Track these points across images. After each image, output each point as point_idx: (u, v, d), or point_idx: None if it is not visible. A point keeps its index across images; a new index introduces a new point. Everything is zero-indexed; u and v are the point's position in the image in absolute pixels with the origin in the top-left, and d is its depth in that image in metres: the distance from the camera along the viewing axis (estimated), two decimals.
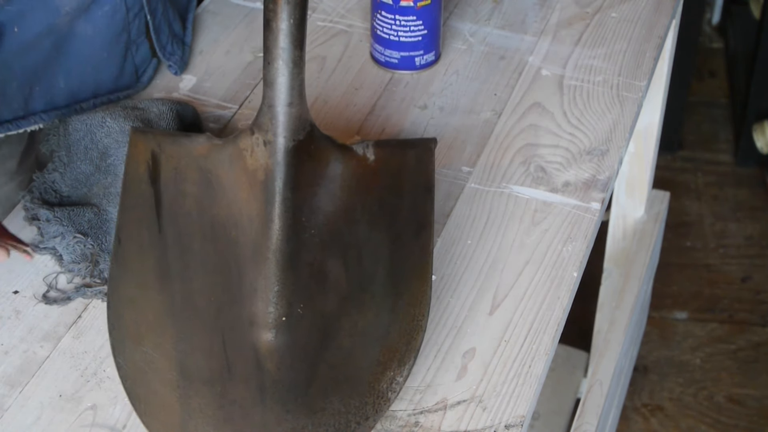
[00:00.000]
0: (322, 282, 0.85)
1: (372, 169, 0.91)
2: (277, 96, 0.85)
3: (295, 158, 0.86)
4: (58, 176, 0.97)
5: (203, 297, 0.84)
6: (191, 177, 0.89)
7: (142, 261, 0.85)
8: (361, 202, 0.89)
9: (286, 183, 0.85)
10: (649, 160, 1.41)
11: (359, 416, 0.79)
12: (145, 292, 0.84)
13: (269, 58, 0.84)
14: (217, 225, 0.87)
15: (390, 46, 1.10)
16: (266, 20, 0.83)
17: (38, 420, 0.81)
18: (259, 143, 0.86)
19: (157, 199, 0.88)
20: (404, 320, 0.83)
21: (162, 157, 0.90)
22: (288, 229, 0.85)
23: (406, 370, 0.81)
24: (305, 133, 0.87)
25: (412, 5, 1.07)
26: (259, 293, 0.83)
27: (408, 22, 1.08)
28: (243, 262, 0.85)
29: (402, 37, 1.09)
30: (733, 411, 1.84)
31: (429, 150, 0.92)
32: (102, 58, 1.04)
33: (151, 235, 0.87)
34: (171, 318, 0.83)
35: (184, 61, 1.12)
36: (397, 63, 1.11)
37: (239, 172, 0.88)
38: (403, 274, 0.85)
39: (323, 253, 0.86)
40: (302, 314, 0.83)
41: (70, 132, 0.99)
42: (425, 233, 0.87)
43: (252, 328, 0.83)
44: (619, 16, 1.19)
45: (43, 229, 0.93)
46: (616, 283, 1.54)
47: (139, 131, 0.92)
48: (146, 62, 1.09)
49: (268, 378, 0.81)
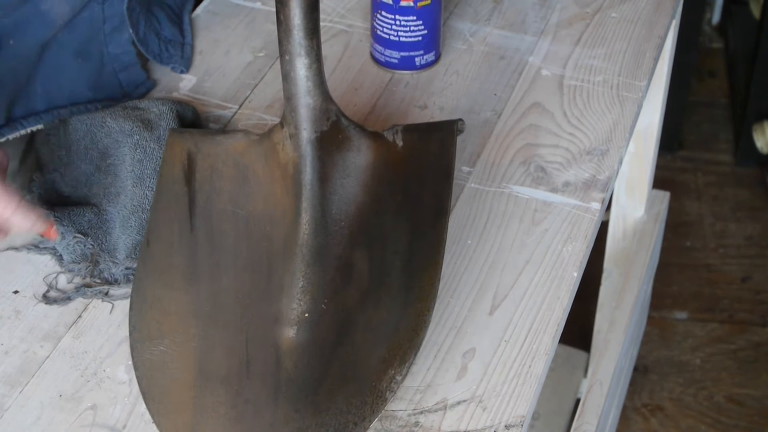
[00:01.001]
0: (347, 276, 0.84)
1: (400, 155, 0.89)
2: (294, 88, 0.84)
3: (320, 150, 0.85)
4: (58, 176, 0.97)
5: (231, 296, 0.84)
6: (228, 174, 0.89)
7: (170, 261, 0.85)
8: (389, 191, 0.88)
9: (312, 176, 0.85)
10: (649, 160, 1.41)
11: (357, 416, 0.79)
12: (171, 292, 0.84)
13: (282, 50, 0.83)
14: (252, 221, 0.87)
15: (390, 46, 1.10)
16: (277, 11, 0.82)
17: (38, 420, 0.81)
18: (287, 137, 0.86)
19: (191, 199, 0.88)
20: (411, 315, 0.82)
21: (198, 157, 0.90)
22: (315, 222, 0.84)
23: (405, 368, 0.80)
24: (329, 123, 0.86)
25: (413, 5, 1.07)
26: (285, 289, 0.83)
27: (408, 22, 1.08)
28: (274, 257, 0.84)
29: (402, 37, 1.09)
30: (733, 411, 1.84)
31: (451, 133, 0.90)
32: (74, 66, 1.03)
33: (181, 235, 0.86)
34: (195, 317, 0.83)
35: (185, 59, 1.11)
36: (397, 63, 1.11)
37: (274, 166, 0.87)
38: (416, 267, 0.84)
39: (351, 245, 0.85)
40: (325, 310, 0.82)
41: (69, 132, 0.99)
42: (441, 222, 0.85)
43: (275, 325, 0.82)
44: (619, 16, 1.19)
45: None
46: (616, 283, 1.54)
47: (176, 132, 0.91)
48: (138, 80, 1.07)
49: (285, 376, 0.80)
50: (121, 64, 1.06)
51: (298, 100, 0.84)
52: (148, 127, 0.98)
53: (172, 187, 0.88)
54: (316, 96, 0.85)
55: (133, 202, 0.93)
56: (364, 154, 0.88)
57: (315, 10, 0.82)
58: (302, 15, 0.82)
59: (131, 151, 0.96)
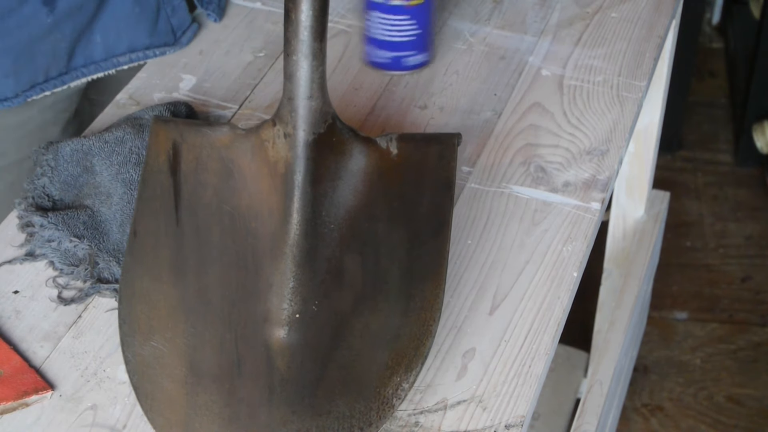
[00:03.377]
0: (338, 279, 0.84)
1: (395, 163, 0.89)
2: (297, 89, 0.84)
3: (315, 152, 0.85)
4: (47, 180, 0.97)
5: (218, 291, 0.84)
6: (213, 167, 0.88)
7: (157, 253, 0.85)
8: (382, 198, 0.88)
9: (305, 177, 0.85)
10: (649, 160, 1.41)
11: (363, 422, 0.78)
12: (159, 285, 0.83)
13: (289, 50, 0.83)
14: (237, 216, 0.86)
15: (382, 47, 1.10)
16: (286, 11, 0.83)
17: (38, 420, 0.81)
18: (280, 135, 0.86)
19: (176, 191, 0.87)
20: (415, 324, 0.82)
21: (183, 147, 0.89)
22: (306, 223, 0.84)
23: (412, 376, 0.80)
24: (326, 126, 0.86)
25: (404, 4, 1.07)
26: (274, 288, 0.83)
27: (400, 21, 1.08)
28: (261, 255, 0.84)
29: (394, 37, 1.09)
30: (733, 411, 1.84)
31: (452, 146, 0.90)
32: (135, 13, 1.07)
33: (168, 227, 0.86)
34: (184, 312, 0.82)
35: (221, 8, 1.16)
36: (389, 63, 1.11)
37: (261, 163, 0.87)
38: (417, 276, 0.84)
39: (341, 249, 0.85)
40: (317, 312, 0.82)
41: (58, 141, 1.00)
42: (443, 234, 0.86)
43: (265, 324, 0.82)
44: (619, 16, 1.19)
45: (37, 234, 0.93)
46: (616, 283, 1.54)
47: (161, 120, 0.91)
48: (185, 23, 1.13)
49: (278, 377, 0.80)
50: (173, 7, 1.11)
51: (301, 101, 0.84)
52: (140, 133, 0.98)
53: (158, 177, 0.88)
54: (318, 98, 0.85)
55: (131, 206, 0.93)
56: (357, 159, 0.88)
57: (325, 13, 0.83)
58: (313, 17, 0.82)
59: (126, 158, 0.96)
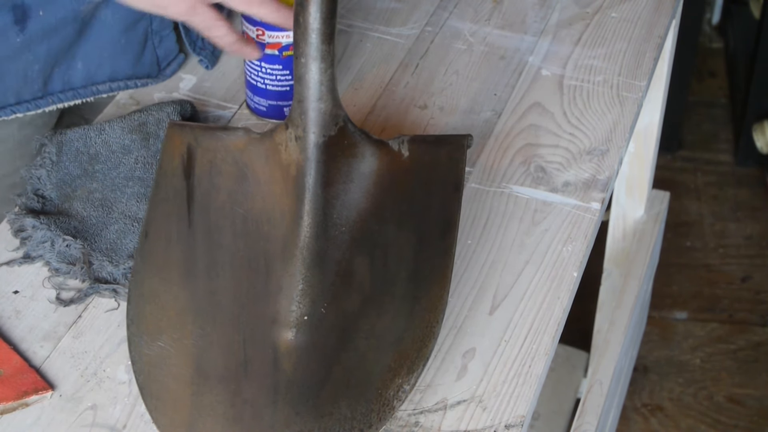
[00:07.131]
0: (347, 281, 0.84)
1: (405, 165, 0.89)
2: (306, 91, 0.84)
3: (325, 154, 0.85)
4: (44, 173, 0.97)
5: (228, 293, 0.84)
6: (227, 171, 0.89)
7: (168, 255, 0.85)
8: (392, 200, 0.88)
9: (316, 179, 0.85)
10: (649, 160, 1.41)
11: (363, 423, 0.78)
12: (169, 286, 0.84)
13: (298, 53, 0.84)
14: (249, 220, 0.87)
15: (257, 93, 1.04)
16: (295, 15, 0.83)
17: (38, 420, 0.81)
18: (291, 138, 0.86)
19: (190, 193, 0.88)
20: (419, 326, 0.82)
21: (198, 151, 0.90)
22: (317, 226, 0.84)
23: (413, 378, 0.80)
24: (337, 129, 0.86)
25: (277, 53, 1.01)
26: (283, 291, 0.83)
27: (273, 70, 1.02)
28: (272, 258, 0.85)
29: (267, 86, 1.03)
30: (733, 411, 1.85)
31: (461, 147, 0.90)
32: (120, 43, 1.05)
33: (180, 229, 0.86)
34: (193, 314, 0.82)
35: (215, 56, 1.12)
36: (264, 111, 1.05)
37: (274, 166, 0.87)
38: (424, 278, 0.84)
39: (351, 251, 0.85)
40: (325, 314, 0.82)
41: (65, 132, 0.99)
42: (450, 235, 0.85)
43: (273, 326, 0.82)
44: (619, 16, 1.19)
45: (31, 236, 0.92)
46: (616, 283, 1.54)
47: (177, 125, 0.91)
48: (171, 55, 1.09)
49: (283, 378, 0.80)
50: (160, 38, 1.08)
51: (310, 103, 0.85)
52: (146, 141, 0.98)
53: (171, 180, 0.88)
54: (328, 101, 0.85)
55: (137, 215, 0.93)
56: (369, 161, 0.88)
57: (334, 17, 0.83)
58: (322, 20, 0.83)
59: (132, 168, 0.97)
